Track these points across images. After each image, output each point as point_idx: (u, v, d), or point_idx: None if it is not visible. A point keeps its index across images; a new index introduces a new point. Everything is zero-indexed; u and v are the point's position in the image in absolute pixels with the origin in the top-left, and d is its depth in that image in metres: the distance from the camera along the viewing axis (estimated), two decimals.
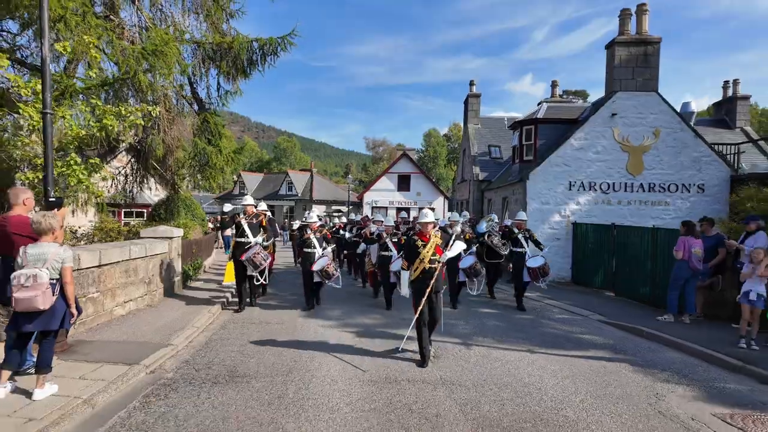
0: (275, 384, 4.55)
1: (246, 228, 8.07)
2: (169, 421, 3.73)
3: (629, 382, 4.90)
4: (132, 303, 7.40)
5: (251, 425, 3.66)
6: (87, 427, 3.60)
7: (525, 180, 13.32)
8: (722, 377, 5.20)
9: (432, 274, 5.28)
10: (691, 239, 7.49)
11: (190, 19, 10.79)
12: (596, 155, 13.05)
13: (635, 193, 13.00)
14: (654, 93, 12.92)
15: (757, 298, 6.20)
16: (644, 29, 13.04)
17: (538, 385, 4.71)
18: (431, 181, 39.09)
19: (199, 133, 10.52)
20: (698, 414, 4.12)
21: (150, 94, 8.81)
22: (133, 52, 8.19)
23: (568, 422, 3.87)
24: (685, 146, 12.89)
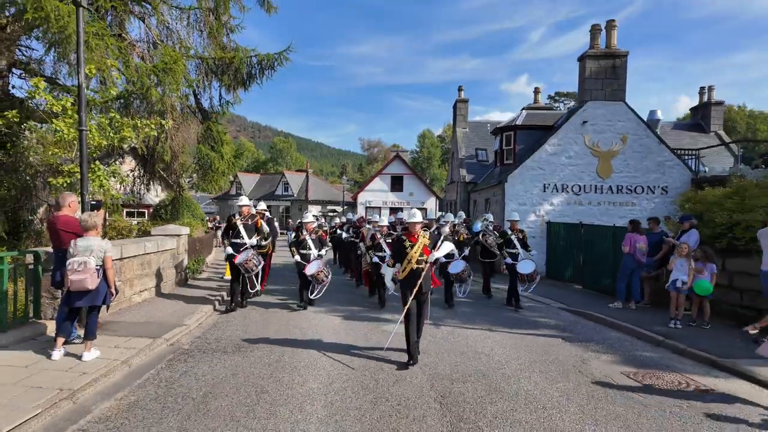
0: (273, 353, 5.59)
1: (241, 229, 8.08)
2: (190, 376, 4.76)
3: (564, 352, 5.97)
4: (146, 292, 8.41)
5: (255, 378, 4.70)
6: (127, 380, 4.63)
7: (504, 182, 14.41)
8: (643, 349, 6.28)
9: (419, 274, 5.31)
10: (636, 236, 8.59)
11: (194, 36, 11.81)
12: (569, 160, 14.16)
13: (605, 194, 14.12)
14: (621, 102, 14.04)
15: (682, 285, 7.28)
16: (613, 43, 14.15)
17: (488, 353, 5.78)
18: (423, 182, 40.15)
19: (203, 140, 11.53)
20: (610, 372, 5.20)
21: (159, 105, 9.80)
22: (146, 70, 9.20)
23: (505, 377, 4.93)
24: (650, 151, 14.02)
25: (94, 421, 3.72)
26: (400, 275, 5.42)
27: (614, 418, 3.98)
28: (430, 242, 5.49)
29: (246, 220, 8.21)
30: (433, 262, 5.45)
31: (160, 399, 4.16)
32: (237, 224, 8.11)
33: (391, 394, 4.34)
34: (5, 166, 10.20)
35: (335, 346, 5.90)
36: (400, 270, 5.43)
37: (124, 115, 9.17)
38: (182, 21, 11.61)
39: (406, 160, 39.85)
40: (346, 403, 4.14)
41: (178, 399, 4.16)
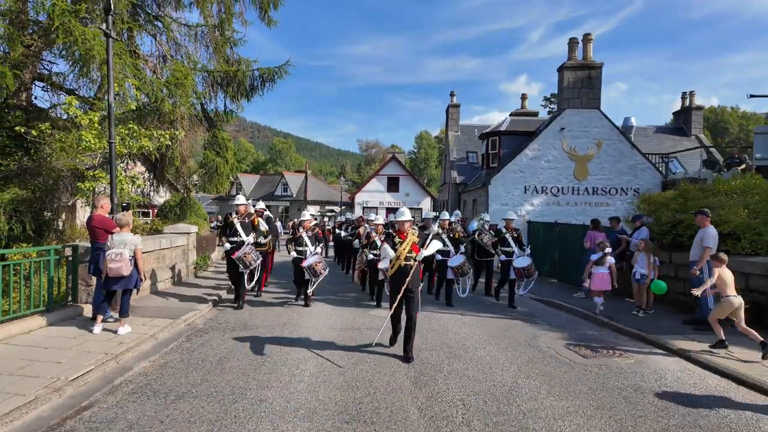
0: (274, 330, 6.67)
1: (238, 227, 8.19)
2: (206, 347, 5.83)
3: (521, 331, 7.05)
4: (161, 283, 9.48)
5: (259, 348, 5.77)
6: (156, 349, 5.69)
7: (488, 185, 15.51)
8: (590, 328, 7.37)
9: (407, 271, 5.36)
10: (596, 233, 9.67)
11: (201, 50, 12.83)
12: (548, 163, 15.25)
13: (581, 195, 15.22)
14: (596, 110, 15.15)
15: (641, 276, 8.35)
16: (589, 56, 15.26)
17: (455, 331, 6.86)
18: (419, 183, 41.24)
19: (209, 146, 12.59)
20: (554, 345, 6.27)
21: (171, 116, 10.86)
22: (159, 84, 10.26)
23: (464, 348, 6.01)
24: (623, 155, 15.12)
25: (135, 374, 4.78)
26: (389, 272, 5.54)
27: (543, 374, 5.05)
28: (419, 240, 5.58)
29: (243, 218, 8.32)
30: (421, 260, 5.49)
31: (185, 361, 5.23)
32: (234, 222, 8.24)
33: (370, 358, 5.42)
34: (30, 171, 11.25)
35: (326, 325, 6.97)
36: (389, 267, 5.56)
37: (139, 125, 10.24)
38: (190, 37, 12.66)
39: (402, 162, 40.96)
40: (333, 361, 5.22)
41: (198, 362, 5.23)
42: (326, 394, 4.31)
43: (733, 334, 6.01)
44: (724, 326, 6.59)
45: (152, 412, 3.86)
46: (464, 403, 4.22)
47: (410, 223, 5.70)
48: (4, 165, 11.07)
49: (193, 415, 3.83)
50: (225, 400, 4.13)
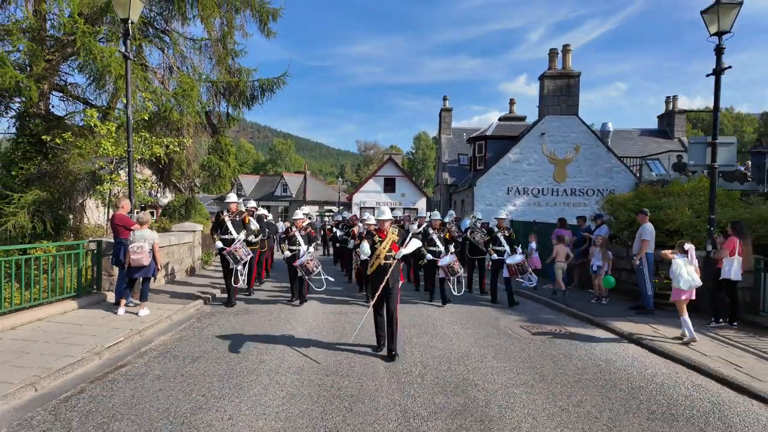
0: (273, 313, 7.72)
1: (229, 225, 8.30)
2: (215, 325, 6.87)
3: (486, 315, 8.09)
4: (171, 275, 10.52)
5: (259, 326, 6.81)
6: (171, 327, 6.74)
7: (474, 186, 16.55)
8: (548, 313, 8.41)
9: (387, 269, 5.44)
10: (562, 231, 10.71)
11: (205, 62, 13.89)
12: (529, 166, 16.30)
13: (560, 196, 16.26)
14: (575, 116, 16.18)
15: (597, 269, 9.39)
16: (568, 65, 16.29)
17: (429, 315, 7.91)
18: (414, 184, 42.25)
19: (212, 151, 13.64)
20: (511, 325, 7.32)
21: (178, 124, 11.91)
22: (168, 96, 11.30)
23: (433, 326, 7.05)
24: (599, 159, 16.16)
25: (157, 345, 5.83)
26: (369, 270, 5.65)
27: (493, 345, 6.10)
28: (398, 239, 5.65)
29: (234, 216, 8.44)
30: (400, 258, 5.58)
31: (197, 336, 6.27)
32: (225, 220, 8.34)
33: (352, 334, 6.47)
34: (48, 174, 12.30)
35: (319, 312, 8.03)
36: (369, 265, 5.65)
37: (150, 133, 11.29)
38: (195, 50, 13.71)
39: (400, 162, 41.96)
40: (323, 329, 6.27)
41: (208, 336, 6.28)
42: (314, 355, 5.36)
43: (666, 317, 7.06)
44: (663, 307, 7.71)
45: (174, 369, 4.91)
46: (423, 363, 5.26)
47: (390, 222, 5.79)
48: (26, 169, 12.12)
49: (207, 371, 4.87)
50: (231, 362, 5.18)
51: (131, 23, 8.15)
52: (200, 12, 12.81)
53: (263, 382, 4.58)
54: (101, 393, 4.24)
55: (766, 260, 7.34)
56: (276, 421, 3.73)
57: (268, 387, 4.46)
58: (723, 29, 7.63)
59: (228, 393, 4.29)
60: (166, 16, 13.22)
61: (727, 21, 7.60)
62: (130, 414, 3.80)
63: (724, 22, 7.61)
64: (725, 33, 7.66)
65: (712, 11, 7.67)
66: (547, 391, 4.52)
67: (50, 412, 3.81)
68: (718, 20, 7.61)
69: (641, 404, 4.23)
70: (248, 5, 14.28)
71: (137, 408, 3.92)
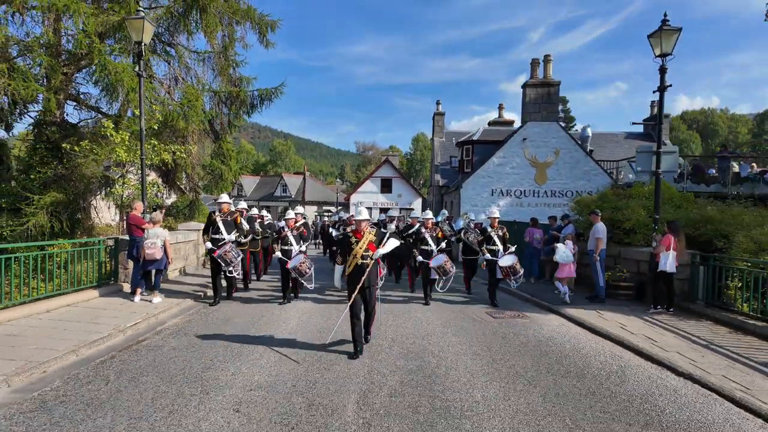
0: (265, 303, 8.77)
1: (220, 225, 8.39)
2: (218, 311, 7.92)
3: (458, 304, 9.13)
4: (177, 271, 11.57)
5: (255, 311, 7.86)
6: (181, 312, 7.79)
7: (460, 188, 17.59)
8: (515, 303, 9.44)
9: (363, 269, 5.48)
10: (534, 229, 11.75)
11: (208, 73, 14.94)
12: (512, 170, 17.33)
13: (541, 198, 17.29)
14: (555, 123, 17.22)
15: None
16: (549, 74, 17.33)
17: (403, 303, 8.95)
18: (410, 185, 43.29)
19: (215, 156, 14.70)
20: (477, 312, 8.35)
21: (184, 132, 12.96)
22: (175, 106, 12.35)
23: (407, 312, 8.09)
24: (578, 162, 17.19)
25: (170, 325, 6.88)
26: (347, 270, 5.66)
27: (456, 326, 7.14)
28: (375, 239, 5.68)
29: (225, 216, 8.53)
30: (377, 258, 5.64)
31: (203, 320, 7.32)
32: (216, 220, 8.44)
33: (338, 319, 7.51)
34: (64, 177, 13.35)
35: (310, 305, 9.08)
36: (347, 265, 5.67)
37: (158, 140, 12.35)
38: (199, 62, 14.77)
39: (397, 164, 43.01)
40: (312, 317, 7.32)
41: (213, 319, 7.33)
42: (302, 335, 6.41)
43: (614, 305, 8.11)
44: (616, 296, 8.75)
45: (186, 343, 5.96)
46: (393, 339, 6.31)
47: (367, 222, 5.83)
48: (43, 172, 13.17)
49: (213, 344, 5.92)
50: (233, 337, 6.22)
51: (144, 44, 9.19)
52: (204, 27, 13.87)
53: (259, 351, 5.63)
54: (129, 358, 5.29)
55: (701, 255, 8.38)
56: (268, 376, 4.78)
57: (263, 354, 5.51)
58: (665, 51, 8.67)
59: (231, 358, 5.34)
60: (172, 31, 14.26)
61: (668, 44, 8.64)
62: (154, 372, 4.85)
63: (667, 45, 8.65)
64: (667, 55, 8.69)
65: (656, 36, 8.71)
66: (489, 358, 5.56)
67: (91, 370, 4.86)
68: (661, 44, 8.65)
69: (561, 367, 5.28)
70: (248, 18, 15.33)
71: (159, 368, 4.97)
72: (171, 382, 4.53)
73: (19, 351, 5.16)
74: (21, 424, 3.62)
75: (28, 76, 11.30)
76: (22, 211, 12.51)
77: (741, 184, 15.40)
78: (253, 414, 3.88)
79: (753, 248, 7.78)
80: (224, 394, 4.29)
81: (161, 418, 3.76)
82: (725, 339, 6.36)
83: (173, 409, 3.94)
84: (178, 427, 3.62)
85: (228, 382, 4.57)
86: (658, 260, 7.95)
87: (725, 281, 7.67)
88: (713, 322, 7.34)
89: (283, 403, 4.12)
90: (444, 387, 4.59)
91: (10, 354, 5.05)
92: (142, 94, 9.30)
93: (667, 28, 8.57)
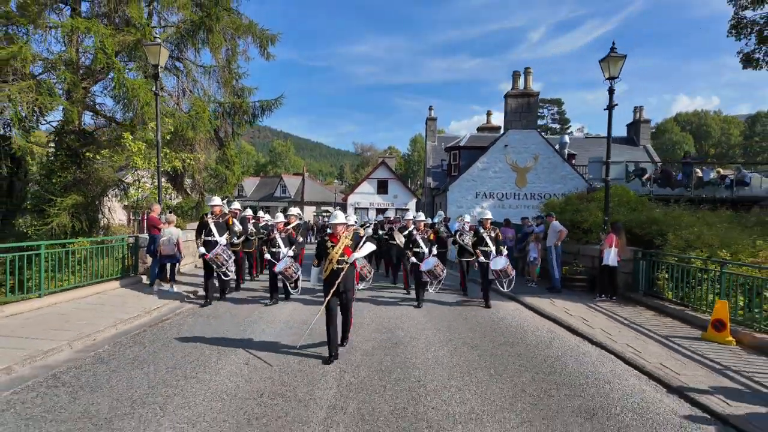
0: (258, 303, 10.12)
1: (212, 227, 8.54)
2: (226, 299, 9.25)
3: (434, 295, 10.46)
4: (189, 265, 12.91)
5: (249, 311, 9.20)
6: (196, 299, 9.11)
7: (446, 191, 18.92)
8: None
9: (339, 273, 5.50)
10: (506, 229, 13.08)
11: (213, 85, 16.28)
12: (494, 174, 18.67)
13: (521, 200, 18.63)
14: (534, 130, 18.55)
15: (534, 259, 11.75)
16: (529, 86, 18.67)
17: (382, 294, 10.28)
18: (406, 186, 44.62)
19: (219, 161, 16.02)
20: (449, 300, 9.68)
21: (192, 141, 14.29)
22: (185, 118, 13.69)
23: (387, 303, 9.42)
24: (555, 167, 18.53)
25: (187, 308, 8.22)
26: (323, 274, 5.67)
27: (428, 311, 8.47)
28: (352, 243, 5.68)
29: (217, 218, 8.66)
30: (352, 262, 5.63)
31: (214, 305, 8.62)
32: (209, 223, 8.57)
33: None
34: (82, 181, 14.68)
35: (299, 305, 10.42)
36: (323, 269, 5.68)
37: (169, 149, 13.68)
38: (205, 75, 16.10)
39: (391, 167, 44.35)
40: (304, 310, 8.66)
41: (222, 305, 8.65)
42: (293, 320, 7.75)
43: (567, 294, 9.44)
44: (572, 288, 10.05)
45: (202, 322, 7.29)
46: (372, 320, 7.65)
47: (343, 226, 5.77)
48: (63, 177, 14.49)
49: (223, 323, 7.25)
50: (240, 317, 7.55)
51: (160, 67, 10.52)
52: (210, 44, 15.20)
53: (261, 327, 6.97)
54: (158, 331, 6.63)
55: (642, 251, 9.71)
56: (270, 337, 6.17)
57: (264, 330, 6.84)
58: (613, 75, 10.01)
59: (240, 331, 6.68)
60: (181, 47, 15.57)
61: (615, 69, 9.98)
62: (180, 338, 6.19)
63: (614, 69, 9.99)
64: (615, 78, 10.04)
65: (606, 61, 10.05)
66: (447, 332, 6.90)
67: (130, 339, 6.19)
68: (609, 68, 9.99)
69: (501, 338, 6.62)
70: (250, 32, 16.67)
71: (183, 336, 6.31)
72: (193, 347, 5.87)
73: (72, 325, 6.50)
74: (88, 371, 4.96)
75: (54, 91, 12.63)
76: (45, 212, 13.82)
77: (704, 188, 16.72)
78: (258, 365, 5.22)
79: (682, 245, 9.13)
80: (236, 353, 5.63)
81: (191, 368, 5.10)
82: (647, 320, 7.70)
83: (200, 362, 5.28)
84: (204, 372, 4.96)
85: (237, 344, 5.91)
86: (602, 255, 9.30)
87: (657, 273, 9.01)
88: (645, 307, 8.68)
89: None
90: (405, 350, 5.93)
91: (66, 327, 6.39)
92: (158, 110, 10.63)
93: (614, 54, 9.91)
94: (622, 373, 5.28)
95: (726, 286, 7.13)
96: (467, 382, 4.88)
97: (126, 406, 4.11)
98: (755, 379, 4.99)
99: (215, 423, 3.83)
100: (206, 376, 4.90)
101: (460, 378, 4.99)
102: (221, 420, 3.88)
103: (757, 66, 17.46)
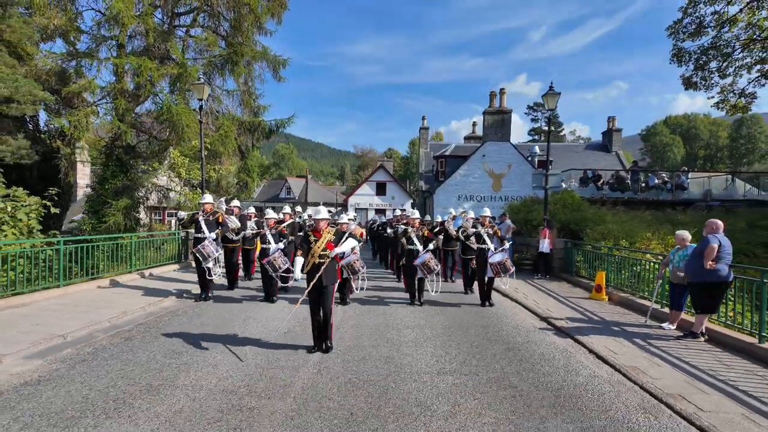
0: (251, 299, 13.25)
1: (202, 224, 8.83)
2: (247, 284, 12.37)
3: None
4: None
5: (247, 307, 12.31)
6: None
7: (433, 194, 22.02)
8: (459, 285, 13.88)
9: (320, 267, 5.66)
10: None
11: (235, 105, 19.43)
12: (474, 179, 21.76)
13: (497, 202, 21.71)
14: (507, 142, 21.64)
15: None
16: (503, 104, 21.75)
17: (374, 288, 13.39)
18: (403, 188, 47.70)
19: (241, 170, 19.17)
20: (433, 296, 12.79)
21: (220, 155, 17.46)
22: (215, 137, 16.84)
23: (378, 297, 12.52)
24: (526, 173, 21.60)
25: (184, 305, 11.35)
26: (305, 268, 5.83)
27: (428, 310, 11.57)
28: (334, 238, 5.85)
29: (207, 216, 8.93)
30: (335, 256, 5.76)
31: (241, 285, 11.73)
32: (198, 219, 8.86)
33: None
34: (129, 187, 17.82)
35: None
36: (305, 263, 5.84)
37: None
38: (228, 97, 19.27)
39: (389, 170, 47.45)
40: None
41: (243, 287, 11.76)
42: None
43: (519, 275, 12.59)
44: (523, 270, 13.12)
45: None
46: (361, 304, 10.74)
47: (326, 222, 5.93)
48: (113, 183, 17.63)
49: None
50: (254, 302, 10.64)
51: (204, 101, 13.64)
52: (234, 72, 18.36)
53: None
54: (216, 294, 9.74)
55: (572, 242, 12.79)
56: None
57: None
58: (551, 107, 13.12)
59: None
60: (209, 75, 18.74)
61: (552, 103, 13.09)
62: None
63: (551, 103, 13.09)
64: (553, 110, 13.14)
65: (546, 96, 13.15)
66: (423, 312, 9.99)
67: (190, 307, 9.31)
68: (548, 102, 13.10)
69: (469, 316, 9.71)
70: (264, 58, 19.83)
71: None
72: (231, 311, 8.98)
73: (171, 285, 9.62)
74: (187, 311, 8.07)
75: (113, 115, 15.79)
76: (99, 212, 16.97)
77: (649, 191, 19.81)
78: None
79: (599, 237, 12.23)
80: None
81: (241, 321, 8.22)
82: (560, 288, 10.81)
83: (248, 315, 8.38)
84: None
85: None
86: (537, 244, 12.40)
87: (577, 257, 12.12)
88: (567, 282, 11.79)
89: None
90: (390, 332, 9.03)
91: (167, 286, 9.52)
92: (202, 135, 13.76)
93: (551, 92, 13.01)
94: (523, 314, 8.39)
95: (612, 263, 10.25)
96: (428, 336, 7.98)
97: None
98: (598, 314, 8.11)
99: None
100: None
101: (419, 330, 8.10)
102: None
103: (696, 88, 20.62)
